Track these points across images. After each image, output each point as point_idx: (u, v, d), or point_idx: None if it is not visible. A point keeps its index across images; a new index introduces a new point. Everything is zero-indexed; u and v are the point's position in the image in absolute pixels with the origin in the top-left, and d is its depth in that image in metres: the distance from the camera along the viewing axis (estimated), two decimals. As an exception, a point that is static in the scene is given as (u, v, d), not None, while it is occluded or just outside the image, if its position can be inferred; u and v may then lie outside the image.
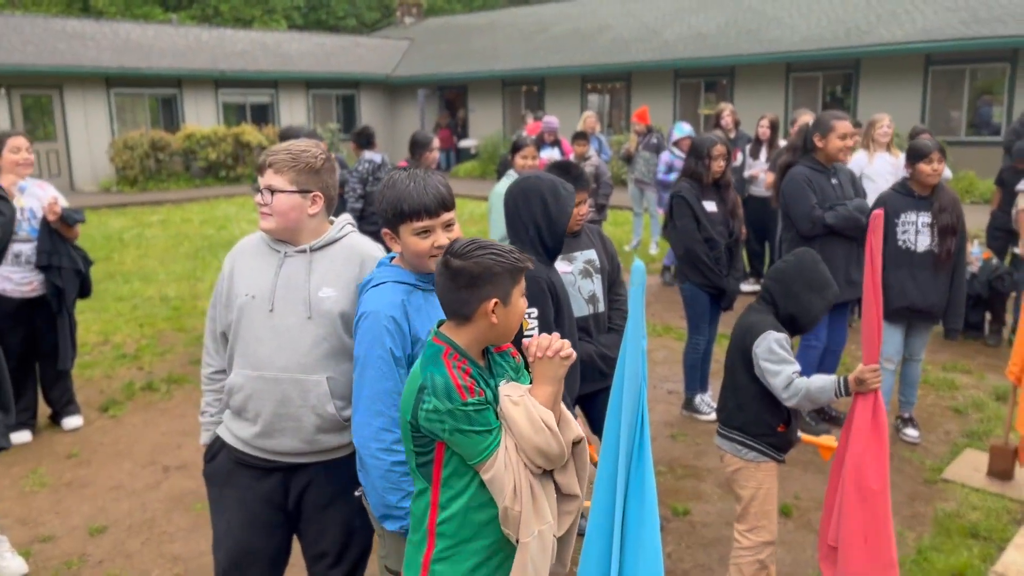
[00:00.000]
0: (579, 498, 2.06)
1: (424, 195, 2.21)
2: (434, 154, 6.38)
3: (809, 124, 5.01)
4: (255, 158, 20.17)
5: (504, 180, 5.58)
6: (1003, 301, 6.76)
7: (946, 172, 5.57)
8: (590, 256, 3.55)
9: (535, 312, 2.89)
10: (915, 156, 4.66)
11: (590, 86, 21.65)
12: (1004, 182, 7.28)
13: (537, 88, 22.45)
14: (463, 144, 23.93)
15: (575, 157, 8.89)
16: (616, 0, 26.63)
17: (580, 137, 9.03)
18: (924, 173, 4.60)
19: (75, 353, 5.11)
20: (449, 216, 2.27)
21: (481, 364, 2.00)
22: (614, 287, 3.67)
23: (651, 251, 10.87)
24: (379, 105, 25.33)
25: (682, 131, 8.88)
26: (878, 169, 6.64)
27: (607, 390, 3.35)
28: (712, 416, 5.05)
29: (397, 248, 2.29)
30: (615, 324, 3.58)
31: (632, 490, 1.77)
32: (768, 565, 3.10)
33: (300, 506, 2.48)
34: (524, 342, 2.00)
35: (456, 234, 2.29)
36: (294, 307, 2.36)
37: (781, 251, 7.36)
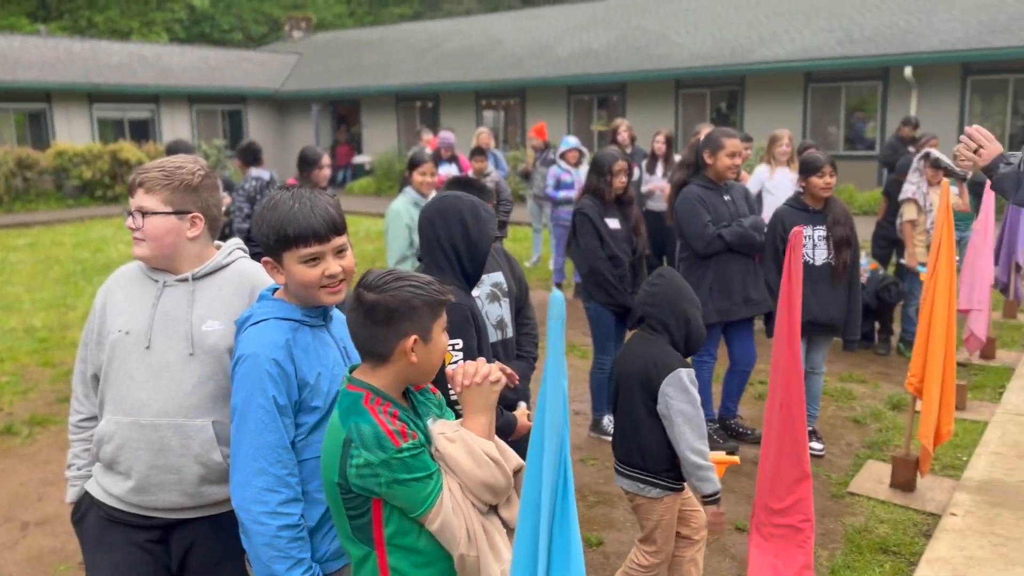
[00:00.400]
0: None
1: (312, 217, 1.95)
2: (324, 171, 6.01)
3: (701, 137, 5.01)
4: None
5: (401, 197, 5.33)
6: (891, 311, 6.95)
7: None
8: (497, 279, 3.34)
9: (459, 343, 2.68)
10: (807, 170, 4.71)
11: (485, 102, 21.60)
12: (889, 193, 7.55)
13: (432, 104, 22.23)
14: (357, 160, 23.46)
15: (474, 173, 8.71)
16: (508, 17, 26.81)
17: (478, 153, 8.87)
18: (817, 187, 4.65)
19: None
20: (341, 241, 2.02)
21: (405, 405, 1.80)
22: (523, 311, 3.48)
23: (550, 266, 10.78)
24: (268, 121, 24.56)
25: (568, 144, 8.89)
26: (779, 184, 6.75)
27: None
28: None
29: (280, 279, 2.02)
30: (524, 351, 3.40)
31: (556, 553, 1.56)
32: None
33: (185, 567, 2.17)
34: (448, 371, 1.83)
35: (349, 261, 2.05)
36: (174, 343, 2.07)
37: (680, 269, 7.39)
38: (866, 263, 7.18)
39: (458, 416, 1.91)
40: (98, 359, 2.16)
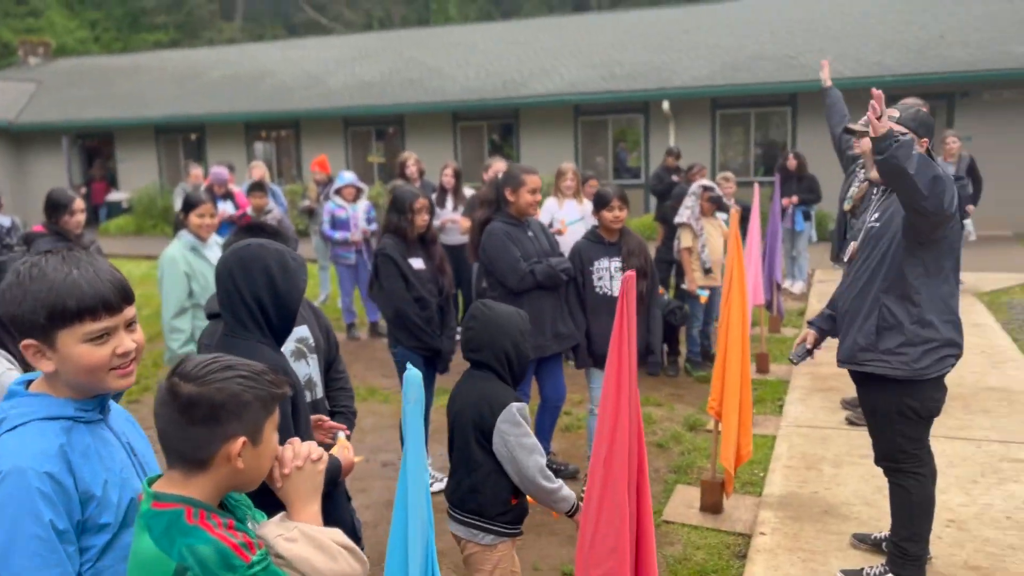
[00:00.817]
0: None
1: (99, 284, 1.59)
2: (78, 217, 4.99)
3: (499, 175, 4.95)
4: None
5: (176, 242, 4.80)
6: (677, 333, 7.29)
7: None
8: (302, 333, 3.01)
9: None
10: (598, 204, 4.83)
11: (255, 133, 20.65)
12: (666, 219, 7.97)
13: (197, 136, 20.89)
14: (112, 198, 21.48)
15: (254, 211, 8.16)
16: (275, 46, 25.94)
17: (258, 188, 8.32)
18: (607, 220, 4.76)
19: None
20: (132, 312, 1.66)
21: (227, 514, 1.50)
22: (334, 364, 3.18)
23: (339, 305, 10.34)
24: (1, 157, 21.87)
25: (344, 180, 8.57)
26: (567, 215, 6.87)
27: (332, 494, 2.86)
28: (438, 487, 4.69)
29: (48, 365, 1.61)
30: (342, 406, 3.12)
31: None
32: None
33: None
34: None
35: (140, 334, 1.69)
36: None
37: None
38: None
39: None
40: None
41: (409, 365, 1.39)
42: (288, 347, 2.95)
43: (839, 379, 6.51)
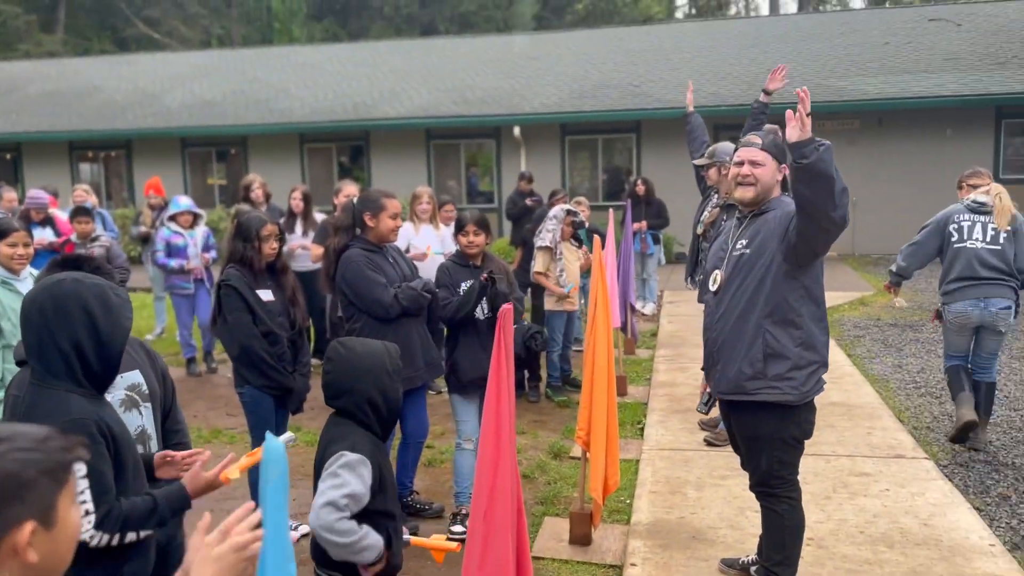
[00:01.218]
0: None
1: None
2: None
3: (353, 198, 4.70)
4: None
5: (-19, 277, 4.22)
6: (537, 358, 7.22)
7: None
8: (133, 379, 2.65)
9: (83, 470, 2.02)
10: (455, 228, 4.74)
11: (81, 153, 19.17)
12: (525, 242, 7.96)
13: (12, 155, 19.15)
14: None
15: (78, 238, 7.43)
16: (103, 61, 24.35)
17: (82, 213, 7.58)
18: (461, 244, 4.67)
19: None
20: None
21: None
22: (171, 414, 2.82)
23: (177, 338, 9.62)
24: None
25: (179, 206, 7.98)
26: (424, 241, 6.67)
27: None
28: (297, 535, 4.34)
29: None
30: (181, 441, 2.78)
31: None
32: None
33: None
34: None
35: None
36: None
37: (335, 332, 6.97)
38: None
39: None
40: None
41: (268, 435, 1.15)
42: (117, 396, 2.59)
43: (695, 400, 6.63)
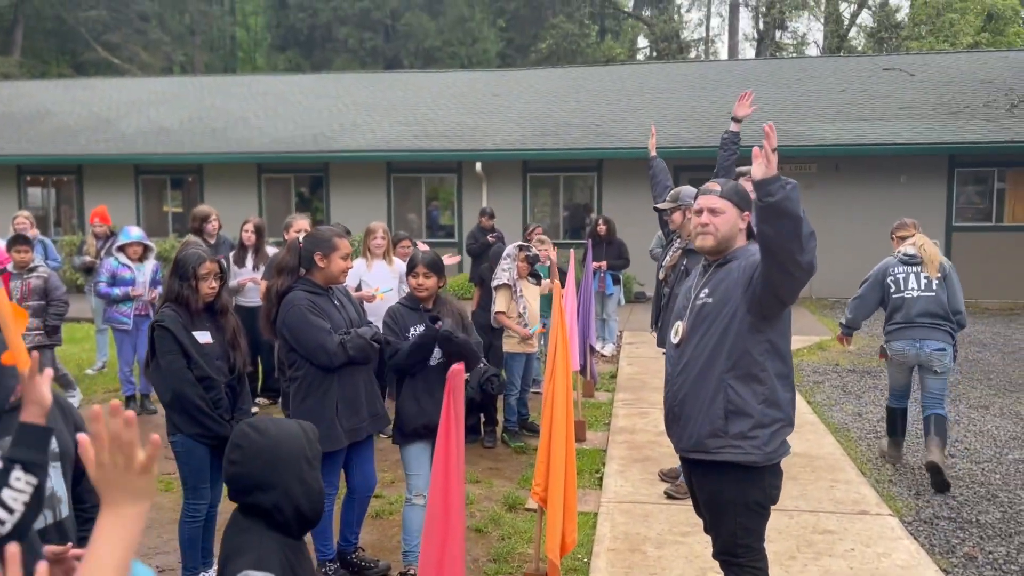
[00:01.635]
0: None
1: None
2: None
3: (299, 237, 4.46)
4: None
5: None
6: (494, 402, 7.00)
7: None
8: (37, 439, 2.38)
9: None
10: (407, 269, 4.52)
11: (30, 178, 18.63)
12: (483, 280, 7.73)
13: (-43, 178, 18.53)
14: None
15: (15, 268, 7.06)
16: (57, 84, 23.86)
17: (21, 242, 7.22)
18: (411, 285, 4.44)
19: None
20: None
21: None
22: (86, 475, 2.53)
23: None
24: None
25: (129, 236, 7.60)
26: (377, 278, 6.45)
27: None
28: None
29: None
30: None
31: None
32: None
33: None
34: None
35: None
36: None
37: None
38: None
39: None
40: None
41: (136, 563, 0.93)
42: (15, 456, 2.31)
43: (655, 448, 6.46)
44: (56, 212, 18.81)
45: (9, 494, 1.98)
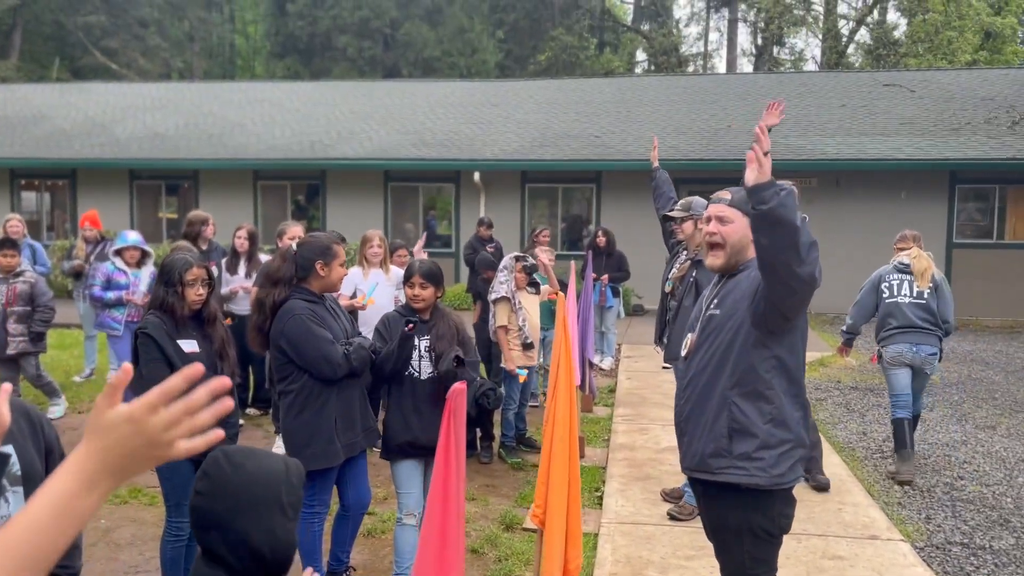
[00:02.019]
0: None
1: None
2: None
3: (293, 245, 4.30)
4: None
5: None
6: (490, 416, 6.81)
7: None
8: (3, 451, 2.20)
9: None
10: (404, 278, 4.35)
11: (24, 182, 18.44)
12: (480, 294, 7.55)
13: (-51, 181, 18.34)
14: None
15: (1, 272, 6.88)
16: (53, 88, 23.68)
17: (8, 246, 7.04)
18: (408, 295, 4.27)
19: None
20: None
21: None
22: None
23: (109, 379, 9.01)
24: None
25: (126, 240, 7.44)
26: (372, 287, 6.28)
27: None
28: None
29: None
30: (59, 566, 2.28)
31: None
32: None
33: None
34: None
35: None
36: None
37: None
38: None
39: None
40: None
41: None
42: (-22, 476, 2.13)
43: (655, 466, 6.28)
44: (50, 216, 18.61)
45: None
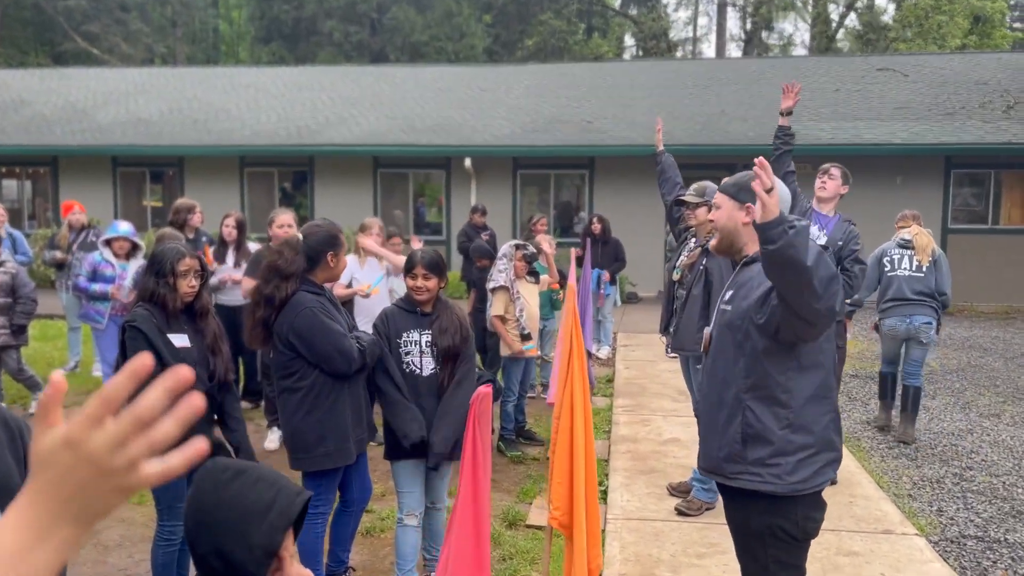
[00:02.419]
0: None
1: None
2: None
3: (298, 235, 4.09)
4: None
5: None
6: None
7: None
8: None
9: None
10: (405, 269, 4.11)
11: (4, 170, 18.07)
12: (475, 283, 7.37)
13: (-74, 168, 17.95)
14: None
15: (-24, 262, 6.63)
16: (32, 74, 23.24)
17: (-16, 235, 6.81)
18: (409, 287, 4.05)
19: None
20: None
21: None
22: None
23: (95, 372, 8.75)
24: None
25: (117, 231, 7.19)
26: (369, 275, 6.10)
27: None
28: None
29: None
30: None
31: None
32: None
33: None
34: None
35: None
36: None
37: (267, 375, 6.39)
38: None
39: None
40: None
41: None
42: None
43: (660, 459, 6.13)
44: (31, 204, 18.26)
45: None
